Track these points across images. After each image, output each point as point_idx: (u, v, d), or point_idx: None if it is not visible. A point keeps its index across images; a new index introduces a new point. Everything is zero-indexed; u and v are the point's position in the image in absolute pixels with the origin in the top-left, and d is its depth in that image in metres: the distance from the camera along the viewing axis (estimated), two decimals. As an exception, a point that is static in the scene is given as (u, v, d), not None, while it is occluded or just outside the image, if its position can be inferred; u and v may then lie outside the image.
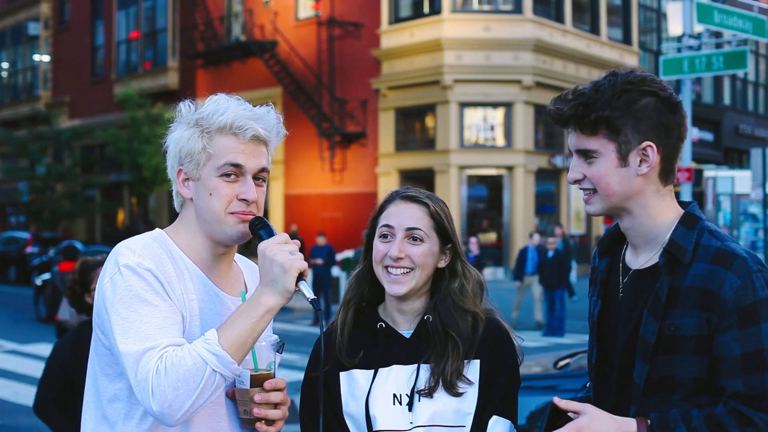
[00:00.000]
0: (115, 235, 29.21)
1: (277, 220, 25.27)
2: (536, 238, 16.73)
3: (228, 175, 2.03)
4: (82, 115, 34.03)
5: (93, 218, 33.61)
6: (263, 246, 1.97)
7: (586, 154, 2.03)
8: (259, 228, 2.05)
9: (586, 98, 1.99)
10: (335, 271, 19.94)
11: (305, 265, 1.97)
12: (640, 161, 1.98)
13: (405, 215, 2.27)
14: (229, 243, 2.11)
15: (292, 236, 2.16)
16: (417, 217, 2.27)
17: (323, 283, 17.10)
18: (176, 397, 1.85)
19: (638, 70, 2.06)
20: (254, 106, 2.12)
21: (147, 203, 31.16)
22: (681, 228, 1.99)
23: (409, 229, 2.25)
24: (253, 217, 2.07)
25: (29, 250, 26.83)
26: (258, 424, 2.03)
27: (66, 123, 34.03)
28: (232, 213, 2.04)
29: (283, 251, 1.95)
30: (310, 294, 1.98)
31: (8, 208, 39.08)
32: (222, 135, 2.04)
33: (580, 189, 2.08)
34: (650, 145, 1.97)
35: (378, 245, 2.28)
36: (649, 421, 1.91)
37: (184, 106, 2.13)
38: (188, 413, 1.89)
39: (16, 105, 38.58)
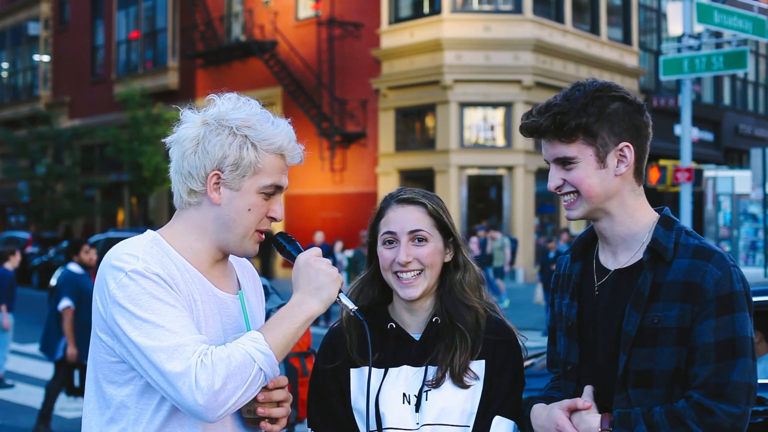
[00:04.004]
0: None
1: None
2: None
3: (267, 193, 2.06)
4: (82, 115, 34.04)
5: (93, 218, 33.61)
6: (306, 257, 2.07)
7: (565, 162, 2.13)
8: (289, 242, 2.16)
9: (561, 108, 2.10)
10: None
11: (342, 278, 2.06)
12: (618, 161, 2.11)
13: (405, 219, 2.29)
14: (239, 255, 2.14)
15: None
16: (417, 219, 2.29)
17: None
18: (223, 392, 1.85)
19: (611, 81, 2.20)
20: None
21: (147, 203, 31.17)
22: (661, 229, 2.11)
23: (411, 231, 2.28)
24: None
25: (29, 250, 26.82)
26: (263, 423, 2.05)
27: (66, 123, 34.04)
28: (258, 230, 2.08)
29: (325, 263, 2.05)
30: (352, 305, 2.09)
31: (8, 208, 39.08)
32: (273, 154, 2.05)
33: (561, 195, 2.16)
34: (627, 146, 2.11)
35: (384, 252, 2.30)
36: (611, 416, 2.02)
37: (214, 105, 2.08)
38: (230, 410, 1.89)
39: (16, 105, 38.59)
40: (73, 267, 8.34)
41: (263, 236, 2.11)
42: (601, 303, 2.14)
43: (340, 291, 2.05)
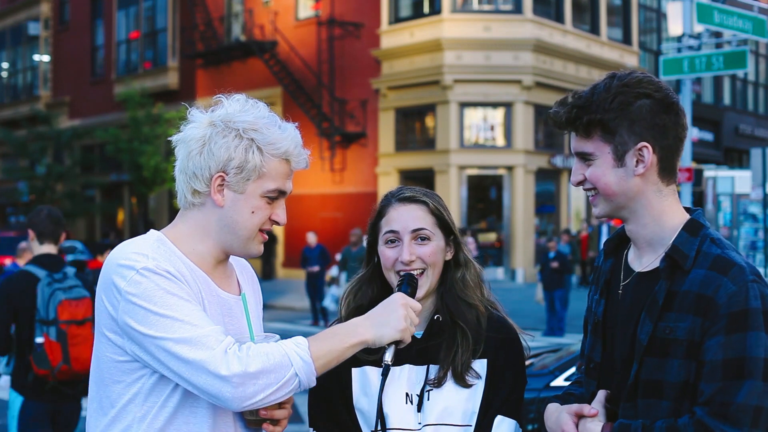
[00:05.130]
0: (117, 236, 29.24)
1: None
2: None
3: (270, 198, 2.05)
4: (82, 115, 34.03)
5: (93, 218, 33.60)
6: (403, 299, 2.05)
7: (585, 157, 2.07)
8: (409, 283, 2.16)
9: (582, 101, 2.03)
10: (334, 270, 19.83)
11: (407, 338, 2.03)
12: (636, 161, 2.01)
13: (407, 217, 2.28)
14: (243, 257, 2.14)
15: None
16: (419, 217, 2.28)
17: (318, 284, 16.92)
18: (255, 382, 1.85)
19: (639, 70, 2.09)
20: None
21: (147, 203, 31.16)
22: (684, 234, 2.02)
23: (414, 230, 2.27)
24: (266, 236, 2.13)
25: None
26: (265, 425, 2.04)
27: (66, 123, 34.02)
28: (261, 231, 2.07)
29: (410, 316, 2.02)
30: (389, 358, 2.06)
31: (8, 208, 39.06)
32: (278, 159, 2.04)
33: (585, 190, 2.12)
34: (645, 146, 2.00)
35: (386, 251, 2.28)
36: (612, 427, 1.97)
37: (230, 106, 2.06)
38: (255, 405, 1.88)
39: (16, 105, 38.55)
40: None
41: (267, 236, 2.11)
42: (622, 304, 2.09)
43: (397, 344, 2.03)
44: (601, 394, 2.07)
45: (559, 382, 4.06)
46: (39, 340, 4.74)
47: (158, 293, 1.89)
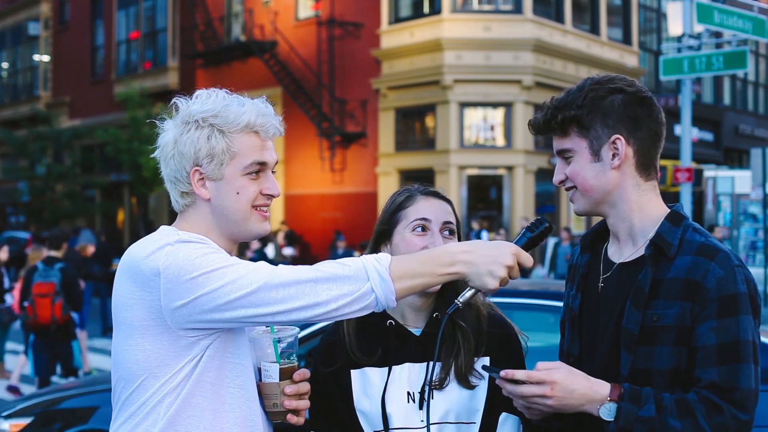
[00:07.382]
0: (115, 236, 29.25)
1: (276, 219, 25.30)
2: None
3: (252, 173, 2.05)
4: (82, 115, 34.03)
5: (93, 218, 33.61)
6: (515, 248, 1.92)
7: (564, 154, 2.13)
8: (533, 229, 2.05)
9: (558, 103, 2.10)
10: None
11: (494, 288, 1.91)
12: (612, 155, 2.07)
13: (439, 210, 2.32)
14: (249, 240, 2.14)
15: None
16: (449, 212, 2.33)
17: None
18: (329, 290, 1.83)
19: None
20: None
21: (147, 203, 31.17)
22: (667, 224, 2.07)
23: (445, 222, 2.31)
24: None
25: (29, 250, 26.79)
26: (289, 416, 2.05)
27: (66, 123, 34.03)
28: (256, 208, 2.06)
29: (515, 269, 1.90)
30: (462, 301, 1.96)
31: (8, 208, 39.07)
32: (244, 133, 2.04)
33: (566, 189, 2.17)
34: (618, 138, 2.05)
35: (414, 239, 2.28)
36: (622, 388, 1.97)
37: (182, 104, 2.10)
38: (331, 315, 1.85)
39: (16, 105, 38.56)
40: None
41: (267, 213, 2.11)
42: (604, 297, 2.12)
43: (478, 291, 1.95)
44: None
45: None
46: None
47: (199, 256, 1.90)
